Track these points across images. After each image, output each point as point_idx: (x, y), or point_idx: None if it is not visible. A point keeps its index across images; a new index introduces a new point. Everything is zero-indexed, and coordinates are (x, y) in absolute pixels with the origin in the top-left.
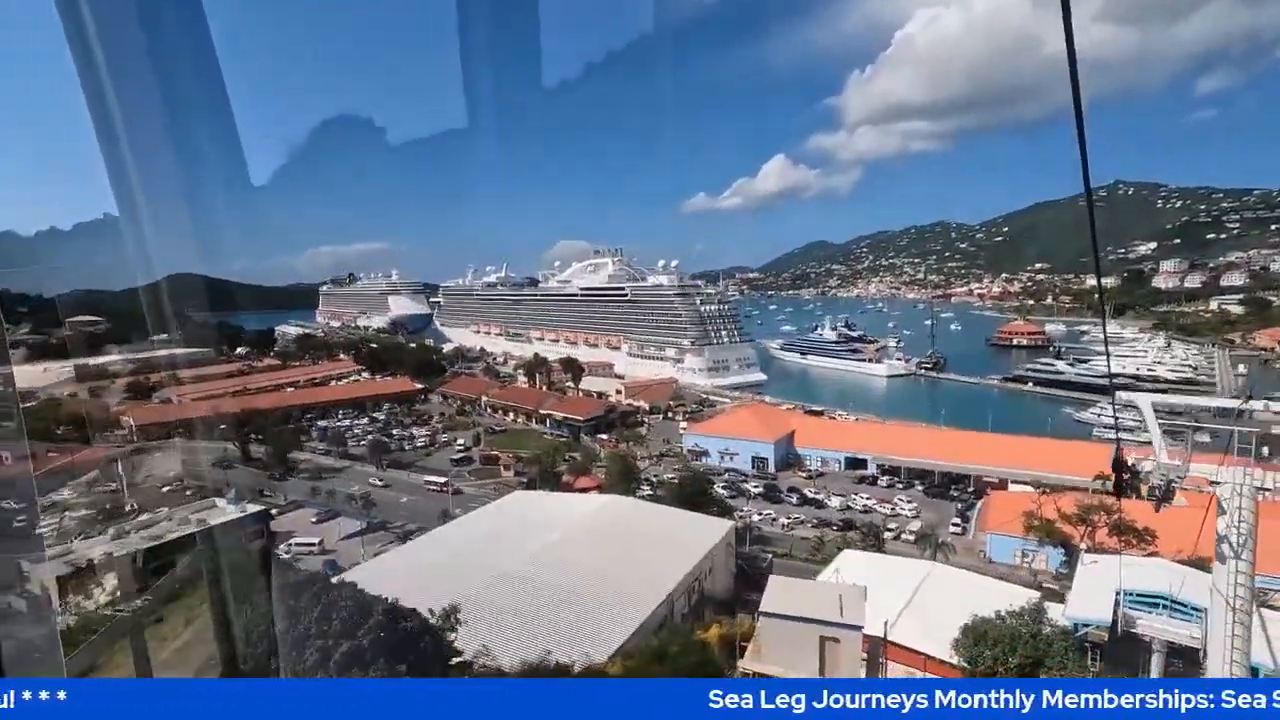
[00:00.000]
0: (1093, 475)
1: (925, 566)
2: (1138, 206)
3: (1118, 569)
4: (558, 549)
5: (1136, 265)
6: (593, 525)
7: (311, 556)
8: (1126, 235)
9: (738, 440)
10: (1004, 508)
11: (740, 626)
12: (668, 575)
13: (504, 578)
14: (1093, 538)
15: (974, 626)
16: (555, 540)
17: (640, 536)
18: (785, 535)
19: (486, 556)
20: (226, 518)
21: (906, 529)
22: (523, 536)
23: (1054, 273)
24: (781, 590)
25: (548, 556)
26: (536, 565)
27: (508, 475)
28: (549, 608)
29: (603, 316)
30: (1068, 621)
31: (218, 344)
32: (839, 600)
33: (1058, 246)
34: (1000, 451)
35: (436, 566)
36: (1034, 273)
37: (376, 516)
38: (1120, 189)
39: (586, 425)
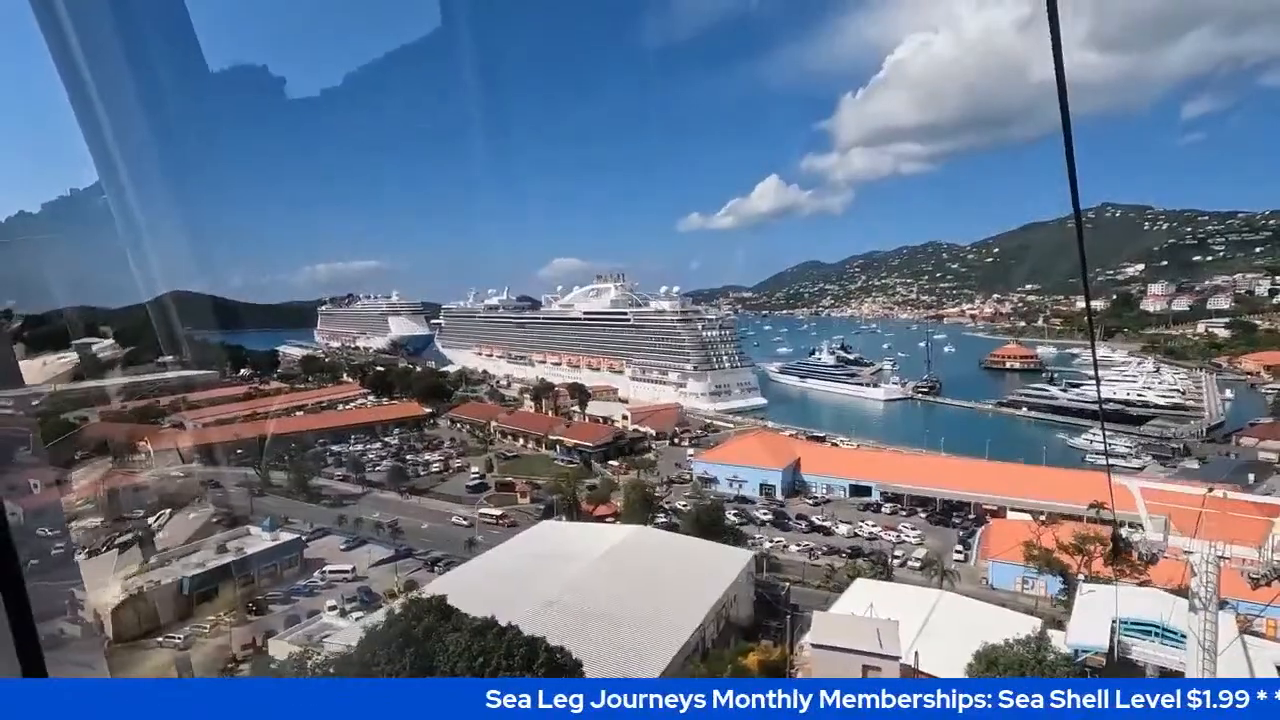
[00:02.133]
0: (1087, 503)
1: (934, 595)
2: (1125, 228)
3: (1113, 599)
4: (593, 577)
5: (1124, 287)
6: (622, 555)
7: (346, 583)
8: (1114, 257)
9: (746, 468)
10: (1004, 535)
11: (770, 653)
12: (698, 604)
13: (548, 605)
14: (1089, 567)
15: (985, 653)
16: (589, 569)
17: (668, 566)
18: (795, 562)
19: (528, 584)
20: (263, 545)
21: (912, 556)
22: (558, 565)
23: (1044, 293)
24: (827, 624)
25: (585, 584)
26: (577, 593)
27: (524, 502)
28: (593, 634)
29: (605, 340)
30: (1069, 648)
31: (221, 365)
32: (877, 634)
33: (1047, 267)
34: (998, 479)
35: (484, 595)
36: (1024, 293)
37: (403, 544)
38: (1108, 211)
39: (596, 452)
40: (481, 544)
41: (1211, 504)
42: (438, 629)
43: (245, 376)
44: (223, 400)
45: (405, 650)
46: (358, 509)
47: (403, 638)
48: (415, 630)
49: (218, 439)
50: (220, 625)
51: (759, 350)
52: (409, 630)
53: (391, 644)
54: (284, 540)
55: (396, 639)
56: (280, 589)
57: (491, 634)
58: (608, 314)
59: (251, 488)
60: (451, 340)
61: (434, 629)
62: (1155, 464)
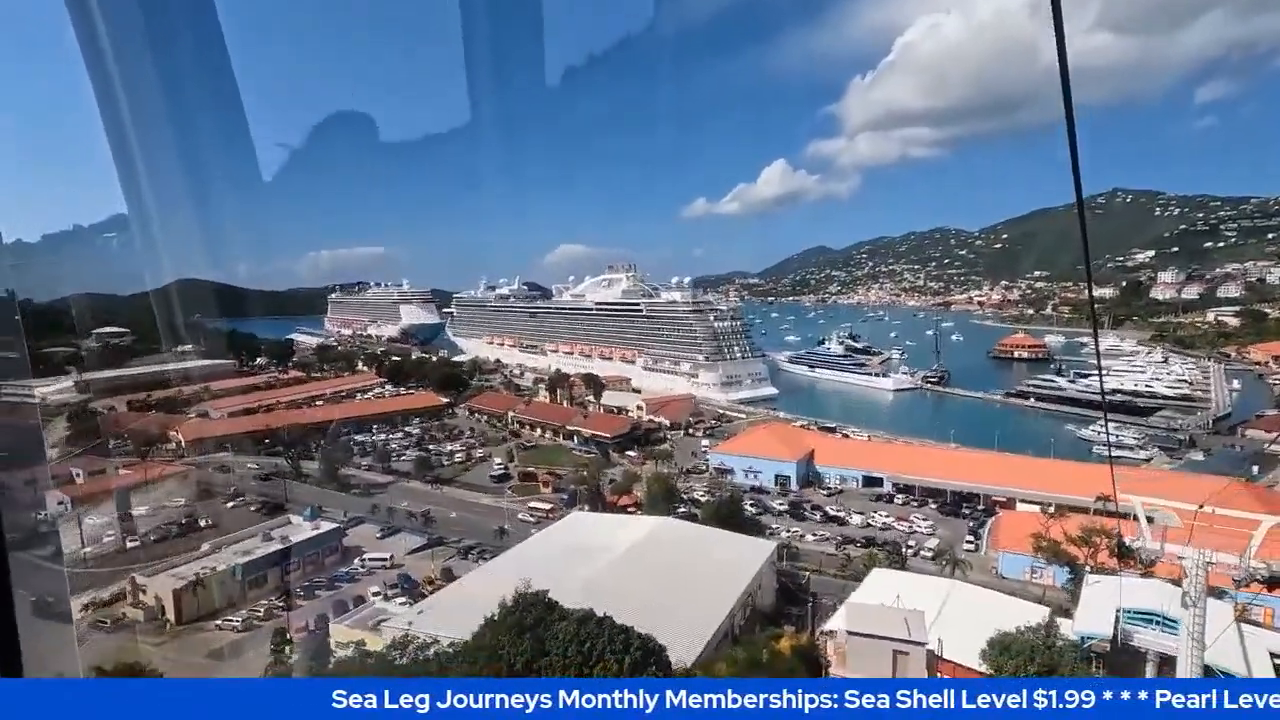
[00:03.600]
0: (1094, 496)
1: (947, 584)
2: (1136, 214)
3: (1117, 589)
4: (625, 567)
5: (1134, 274)
6: (652, 546)
7: (384, 570)
8: (1124, 243)
9: (761, 459)
10: (1013, 527)
11: (798, 638)
12: (727, 592)
13: (589, 594)
14: (1094, 558)
15: (998, 640)
16: (621, 559)
17: (697, 557)
18: (813, 551)
19: (566, 574)
20: (305, 534)
21: (925, 546)
22: (592, 556)
23: (1053, 280)
24: (860, 614)
25: (619, 574)
26: (612, 582)
27: (546, 492)
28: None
29: (618, 331)
30: (1075, 635)
31: (236, 354)
32: (905, 623)
33: (1056, 254)
34: (1008, 471)
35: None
36: (1033, 280)
37: (435, 532)
38: (1118, 196)
39: (614, 442)
40: (511, 533)
41: (1203, 517)
42: (545, 618)
43: (262, 365)
44: (245, 389)
45: (522, 636)
46: (387, 498)
47: (518, 626)
48: (527, 620)
49: (247, 428)
50: (273, 610)
51: (766, 339)
52: (522, 620)
53: (510, 631)
54: (325, 529)
55: (513, 627)
56: (323, 576)
57: (593, 623)
58: (620, 304)
59: (284, 476)
60: (463, 329)
61: (542, 618)
62: (1162, 455)
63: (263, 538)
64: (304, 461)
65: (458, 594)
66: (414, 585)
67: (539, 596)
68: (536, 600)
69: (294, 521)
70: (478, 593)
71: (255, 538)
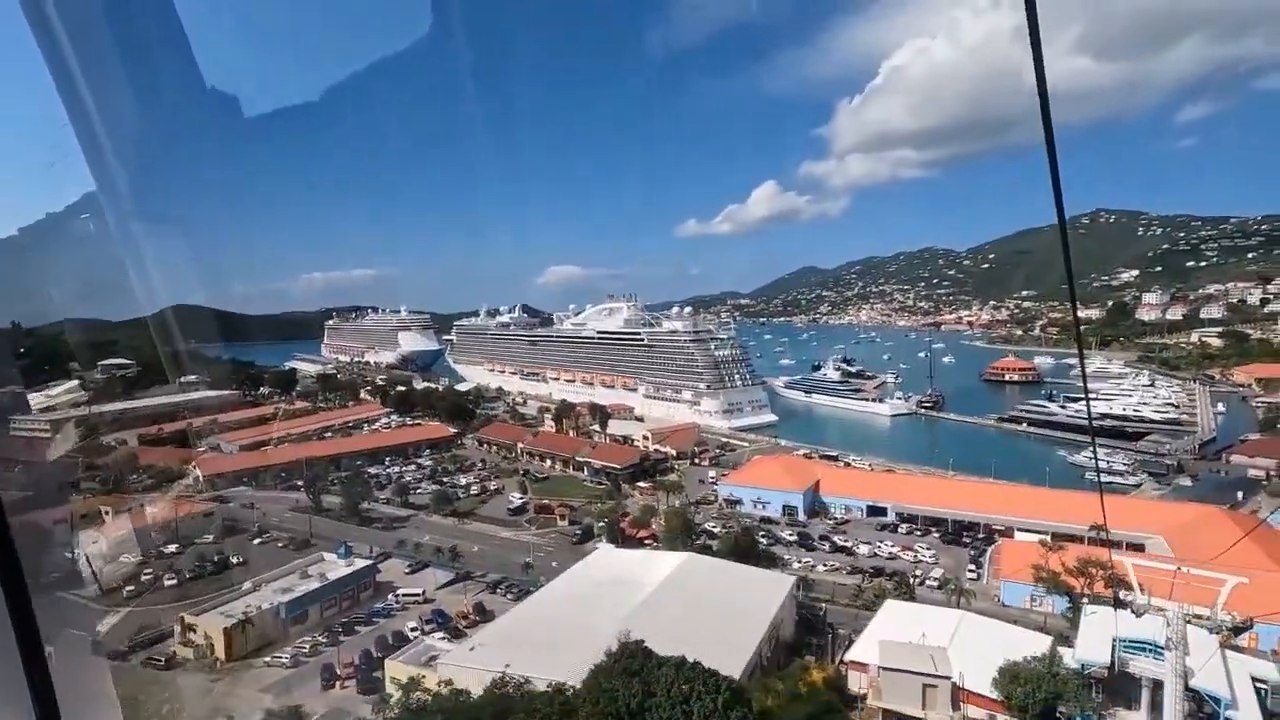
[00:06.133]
0: (1088, 524)
1: (956, 615)
2: (1120, 234)
3: (1114, 620)
4: (658, 602)
5: (1119, 293)
6: (681, 580)
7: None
8: (1109, 262)
9: (769, 490)
10: (1013, 556)
11: (827, 669)
12: (756, 625)
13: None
14: (1091, 588)
15: (1008, 669)
16: (653, 595)
17: (724, 591)
18: (824, 581)
19: (601, 610)
20: (340, 571)
21: (930, 575)
22: (624, 591)
23: (1040, 300)
24: (891, 651)
25: (653, 608)
26: (647, 617)
27: (563, 524)
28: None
29: (619, 359)
30: (1076, 663)
31: (239, 383)
32: (932, 660)
33: (1043, 273)
34: (1005, 500)
35: (565, 620)
36: (1020, 300)
37: (462, 566)
38: (1102, 216)
39: (624, 473)
40: (536, 567)
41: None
42: (645, 664)
43: (265, 395)
44: (254, 421)
45: (631, 679)
46: (408, 532)
47: (625, 671)
48: (633, 665)
49: (262, 462)
50: (317, 646)
51: (762, 361)
52: (629, 666)
53: (621, 675)
54: (358, 566)
55: (623, 672)
56: (360, 611)
57: (687, 666)
58: (621, 334)
59: (307, 512)
60: (463, 356)
61: (643, 665)
62: (1151, 481)
63: (300, 575)
64: (325, 496)
65: (507, 629)
66: (448, 620)
67: (638, 645)
68: (636, 649)
69: (327, 558)
70: (532, 625)
71: (294, 575)
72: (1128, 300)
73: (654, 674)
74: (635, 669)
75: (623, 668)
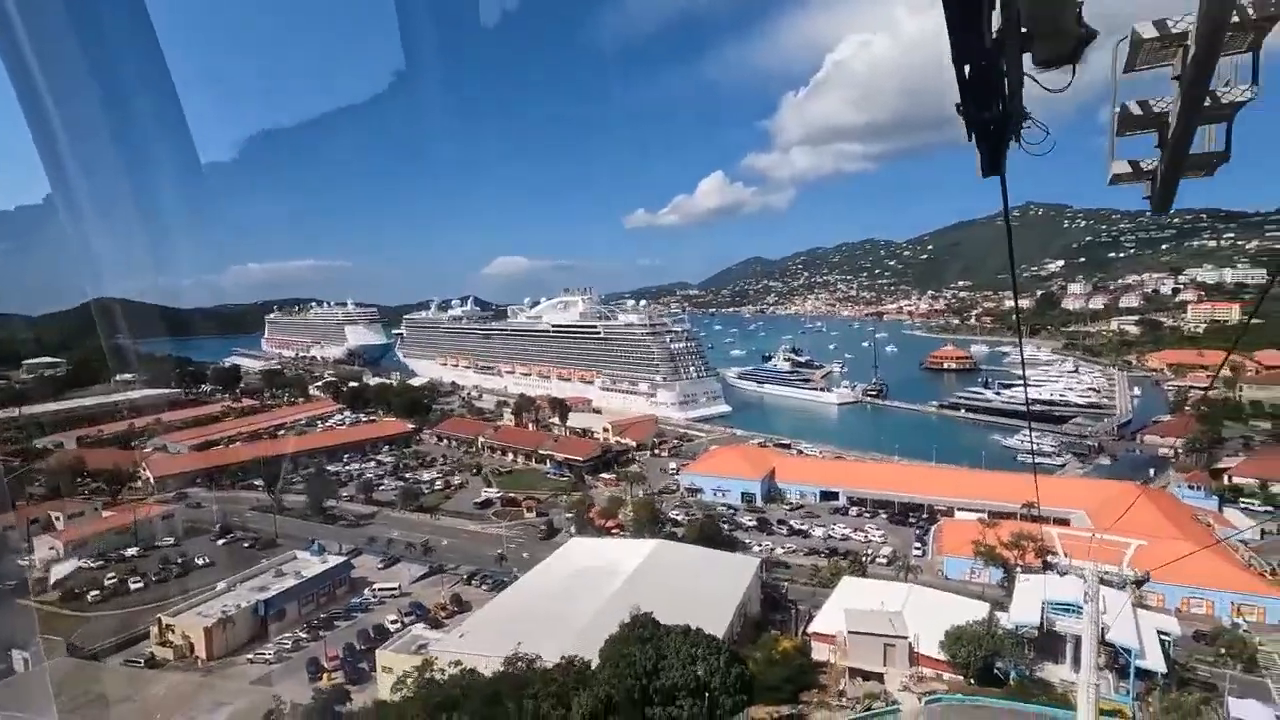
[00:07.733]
0: (1021, 503)
1: (905, 588)
2: (1048, 226)
3: (1043, 585)
4: (634, 587)
5: (1047, 283)
6: (653, 566)
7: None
8: (1039, 254)
9: (728, 479)
10: (954, 534)
11: (794, 640)
12: (726, 604)
13: (607, 612)
14: (1023, 559)
15: (952, 632)
16: (630, 581)
17: (695, 574)
18: (784, 561)
19: (582, 596)
20: (315, 568)
21: (880, 554)
22: (601, 579)
23: (976, 289)
24: (857, 616)
25: (631, 593)
26: (626, 600)
27: (530, 517)
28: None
29: (575, 352)
30: (1011, 625)
31: (179, 381)
32: (890, 622)
33: (979, 264)
34: (946, 483)
35: (550, 607)
36: (957, 290)
37: (435, 560)
38: (1032, 210)
39: (586, 465)
40: (509, 558)
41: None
42: (655, 632)
43: (209, 393)
44: (200, 420)
45: (645, 645)
46: (375, 528)
47: (639, 638)
48: (645, 634)
49: (215, 462)
50: (299, 642)
51: (713, 353)
52: (641, 635)
53: (635, 642)
54: (333, 563)
55: (636, 639)
56: (338, 607)
57: (692, 632)
58: (577, 327)
59: (270, 511)
60: (415, 350)
61: (654, 633)
62: (1075, 461)
63: (275, 573)
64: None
65: (492, 618)
66: (427, 612)
67: (648, 616)
68: (647, 619)
69: (300, 556)
70: (516, 613)
71: (268, 573)
72: (1054, 290)
73: (664, 640)
74: (648, 636)
75: (636, 636)
